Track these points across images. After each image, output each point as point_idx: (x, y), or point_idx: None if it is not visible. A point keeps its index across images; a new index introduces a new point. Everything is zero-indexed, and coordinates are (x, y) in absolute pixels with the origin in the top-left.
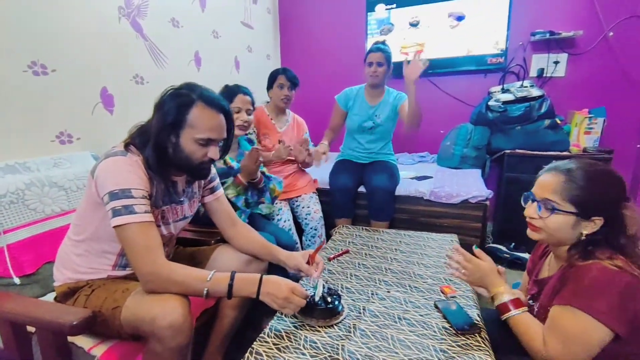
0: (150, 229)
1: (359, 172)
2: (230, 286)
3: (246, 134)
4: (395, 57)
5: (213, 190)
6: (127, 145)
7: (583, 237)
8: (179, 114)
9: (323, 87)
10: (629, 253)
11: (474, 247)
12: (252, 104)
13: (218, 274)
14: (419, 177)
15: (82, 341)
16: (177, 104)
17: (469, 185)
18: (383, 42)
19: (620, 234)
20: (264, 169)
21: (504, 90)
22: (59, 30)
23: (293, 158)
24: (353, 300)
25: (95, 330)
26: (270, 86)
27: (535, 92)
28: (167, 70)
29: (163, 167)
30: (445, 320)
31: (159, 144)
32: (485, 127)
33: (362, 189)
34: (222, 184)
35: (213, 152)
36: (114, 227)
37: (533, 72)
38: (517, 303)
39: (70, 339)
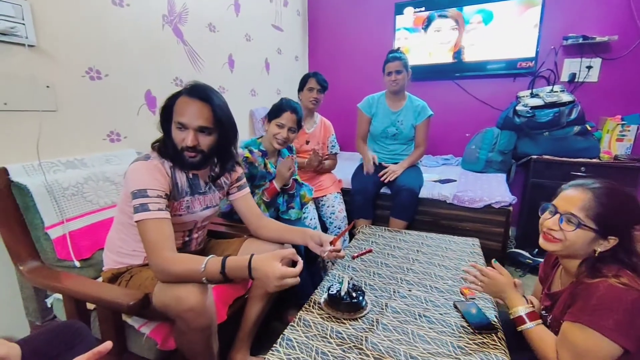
0: (162, 225)
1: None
2: (223, 274)
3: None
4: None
5: (240, 188)
6: (153, 147)
7: (596, 254)
8: (169, 103)
9: (349, 89)
10: (638, 271)
11: (493, 261)
12: (298, 122)
13: (211, 262)
14: (442, 180)
15: (133, 320)
16: (170, 95)
17: (493, 190)
18: (397, 50)
19: (632, 253)
20: (297, 176)
21: (532, 95)
22: (112, 39)
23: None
24: (376, 296)
25: (144, 312)
26: (301, 88)
27: (566, 97)
28: (204, 73)
29: (175, 159)
30: (463, 320)
31: (165, 134)
32: (512, 132)
33: (385, 190)
34: (260, 185)
35: (188, 137)
36: (135, 222)
37: (564, 77)
38: (532, 316)
39: (123, 317)
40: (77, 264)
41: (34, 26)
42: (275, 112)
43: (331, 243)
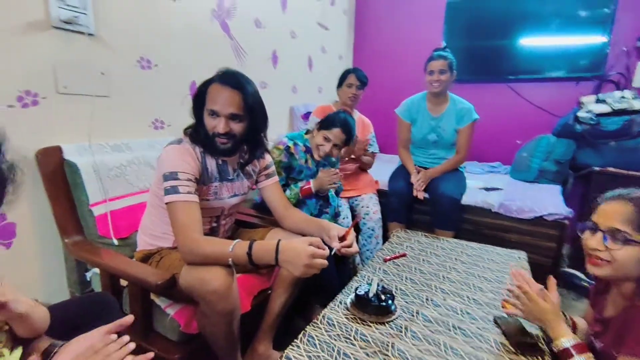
0: (191, 207)
1: None
2: (249, 255)
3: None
4: None
5: (268, 176)
6: (186, 132)
7: None
8: (201, 90)
9: (393, 90)
10: None
11: (549, 278)
12: (346, 141)
13: (239, 244)
14: (487, 187)
15: (160, 300)
16: (202, 82)
17: (545, 201)
18: (444, 48)
19: None
20: (339, 184)
21: (598, 101)
22: (163, 31)
23: (355, 157)
24: (407, 302)
25: (170, 292)
26: (339, 85)
27: (638, 104)
28: (247, 68)
29: (207, 145)
30: (503, 337)
31: (196, 120)
32: (571, 140)
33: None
34: (295, 179)
35: (220, 124)
36: (165, 203)
37: (637, 82)
38: (580, 348)
39: (152, 296)
40: (116, 242)
41: (94, 16)
42: (326, 124)
43: (342, 238)
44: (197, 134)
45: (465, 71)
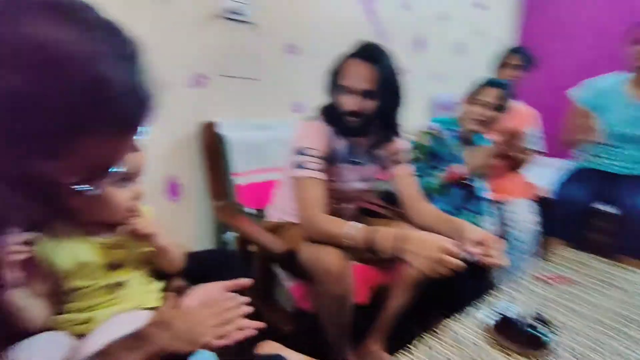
0: (315, 184)
1: (604, 185)
2: (369, 239)
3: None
4: None
5: (400, 163)
6: (320, 110)
7: None
8: (337, 65)
9: (570, 80)
10: None
11: None
12: (502, 98)
13: (360, 227)
14: None
15: (280, 271)
16: (339, 58)
17: None
18: None
19: None
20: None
21: None
22: (311, 17)
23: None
24: (570, 340)
25: (289, 265)
26: (498, 66)
27: None
28: None
29: (337, 124)
30: None
31: (330, 97)
32: None
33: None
34: (437, 168)
35: (352, 101)
36: (291, 177)
37: None
38: None
39: (273, 266)
40: (250, 210)
41: (254, 6)
42: (472, 92)
43: (481, 244)
44: (329, 112)
45: None
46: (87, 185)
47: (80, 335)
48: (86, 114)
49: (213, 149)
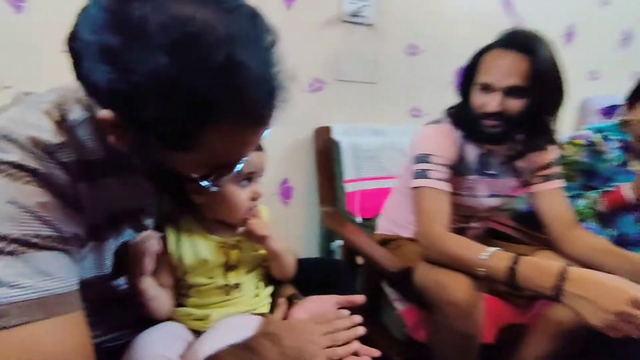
0: (439, 195)
1: None
2: (513, 271)
3: None
4: None
5: (548, 178)
6: (449, 112)
7: None
8: (474, 60)
9: None
10: None
11: None
12: None
13: (499, 254)
14: None
15: (390, 291)
16: (477, 50)
17: None
18: None
19: None
20: None
21: None
22: (434, 13)
23: None
24: None
25: (403, 286)
26: None
27: None
28: None
29: (470, 129)
30: None
31: (462, 98)
32: None
33: None
34: (595, 188)
35: (492, 101)
36: (412, 187)
37: None
38: None
39: (383, 285)
40: (359, 219)
41: (377, 7)
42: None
43: None
44: (461, 115)
45: None
46: (212, 182)
47: (196, 331)
48: (217, 98)
49: (326, 153)
